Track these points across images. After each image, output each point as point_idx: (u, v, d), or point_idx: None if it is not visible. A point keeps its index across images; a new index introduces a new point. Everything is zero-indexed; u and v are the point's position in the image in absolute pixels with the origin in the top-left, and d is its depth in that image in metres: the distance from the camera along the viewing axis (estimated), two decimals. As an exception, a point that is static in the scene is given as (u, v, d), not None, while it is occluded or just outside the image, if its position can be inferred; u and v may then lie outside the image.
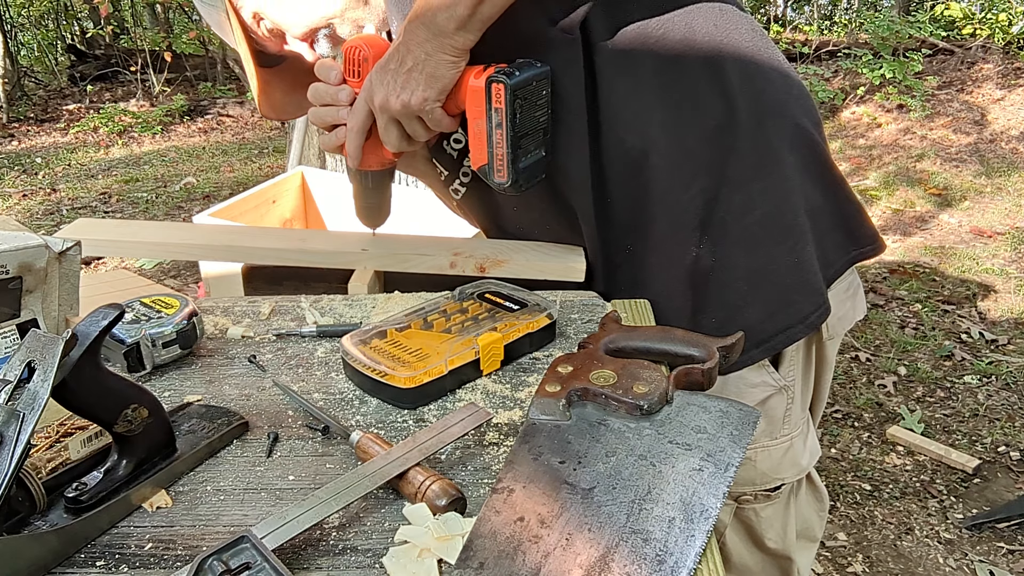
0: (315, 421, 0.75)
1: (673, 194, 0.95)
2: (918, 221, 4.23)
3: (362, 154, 0.96)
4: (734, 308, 0.97)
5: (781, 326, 0.97)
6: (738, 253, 0.95)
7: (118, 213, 4.79)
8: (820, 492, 1.19)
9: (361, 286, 1.11)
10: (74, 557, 0.59)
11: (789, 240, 0.96)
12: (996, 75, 5.96)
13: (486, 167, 0.90)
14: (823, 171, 1.00)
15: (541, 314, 0.88)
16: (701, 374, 0.73)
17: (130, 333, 0.83)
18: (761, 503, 1.07)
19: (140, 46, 7.91)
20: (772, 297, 0.96)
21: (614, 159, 0.96)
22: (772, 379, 1.01)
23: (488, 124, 0.87)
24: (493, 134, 0.87)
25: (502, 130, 0.86)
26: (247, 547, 0.54)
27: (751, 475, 1.04)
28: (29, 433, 0.56)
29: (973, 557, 2.03)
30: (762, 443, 1.03)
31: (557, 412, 0.69)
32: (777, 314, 0.97)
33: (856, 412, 2.66)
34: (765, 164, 0.95)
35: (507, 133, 0.86)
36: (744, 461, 1.01)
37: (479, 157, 0.90)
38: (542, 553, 0.55)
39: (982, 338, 3.05)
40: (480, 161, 0.90)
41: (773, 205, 0.95)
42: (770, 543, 1.10)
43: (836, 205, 1.01)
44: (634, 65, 0.93)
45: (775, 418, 1.03)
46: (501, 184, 0.90)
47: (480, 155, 0.90)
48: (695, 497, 0.60)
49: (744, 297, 0.96)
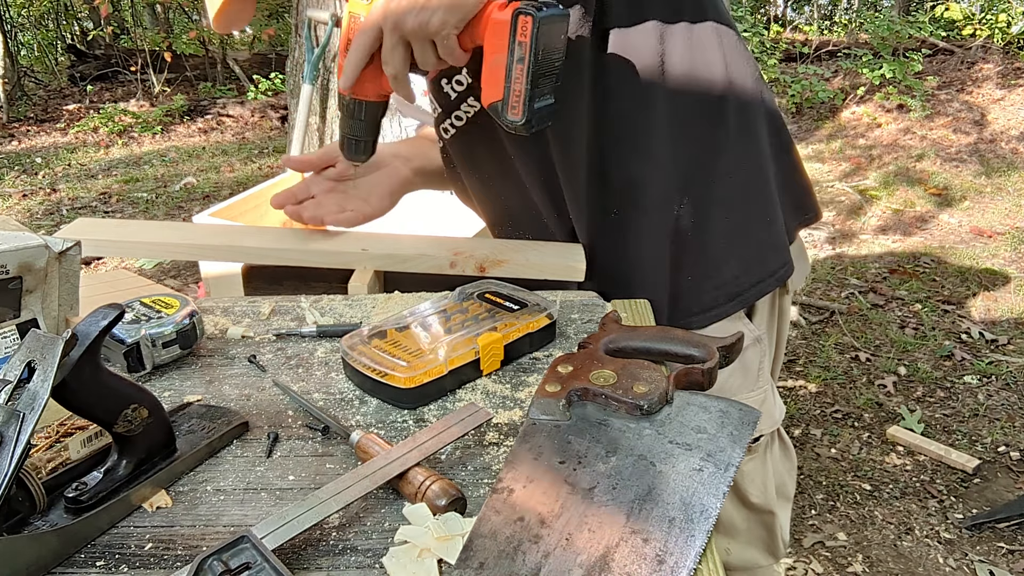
0: (315, 421, 0.75)
1: (664, 157, 1.00)
2: (918, 221, 4.23)
3: (358, 80, 0.91)
4: (711, 265, 1.04)
5: (754, 279, 1.06)
6: (719, 213, 1.03)
7: (118, 213, 4.79)
8: (789, 450, 1.24)
9: (361, 286, 1.11)
10: (74, 557, 0.59)
11: (762, 202, 1.06)
12: (996, 75, 5.96)
13: (499, 104, 0.87)
14: (787, 148, 1.13)
15: (541, 314, 0.88)
16: (701, 374, 0.73)
17: (130, 333, 0.83)
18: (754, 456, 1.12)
19: (140, 46, 7.91)
20: (747, 254, 1.06)
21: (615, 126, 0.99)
22: (748, 330, 1.07)
23: (509, 58, 0.84)
24: (513, 69, 0.85)
25: (523, 65, 0.84)
26: (247, 547, 0.54)
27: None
28: (29, 433, 0.56)
29: (973, 557, 2.03)
30: (741, 396, 1.07)
31: (557, 412, 0.69)
32: (751, 269, 1.06)
33: (856, 412, 2.66)
34: (746, 135, 1.04)
35: (528, 68, 0.84)
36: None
37: (493, 93, 0.87)
38: (542, 553, 0.55)
39: (982, 338, 3.05)
40: (493, 97, 0.87)
41: (751, 171, 1.05)
42: (753, 498, 1.13)
43: (793, 178, 1.14)
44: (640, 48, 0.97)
45: (752, 370, 1.09)
46: (514, 122, 0.87)
47: (494, 91, 0.86)
48: (695, 497, 0.60)
49: (722, 254, 1.04)
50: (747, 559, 1.17)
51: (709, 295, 1.04)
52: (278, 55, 7.43)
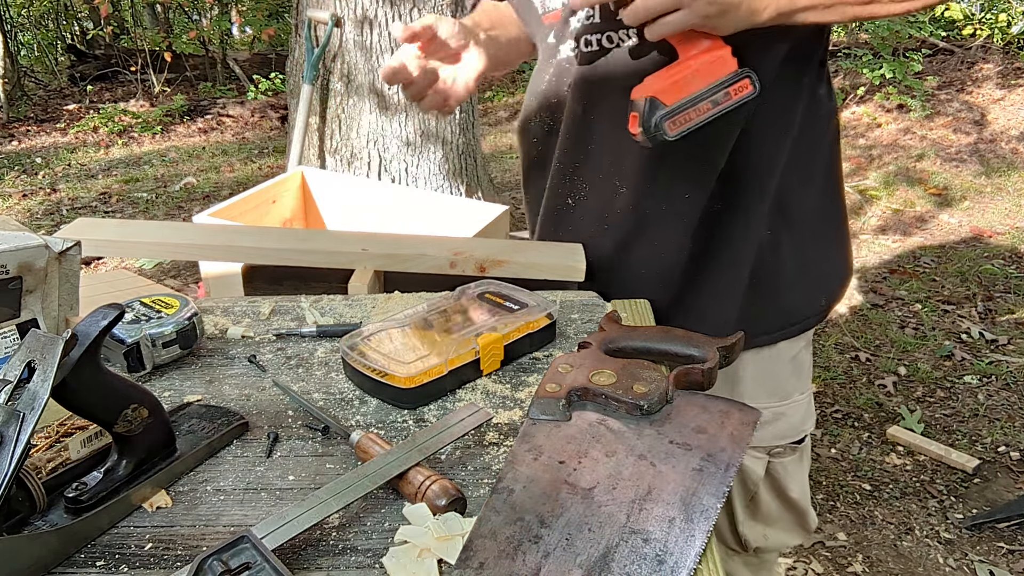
0: (315, 421, 0.75)
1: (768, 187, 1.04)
2: (918, 221, 4.23)
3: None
4: (784, 288, 1.09)
5: (818, 309, 1.12)
6: (800, 238, 1.07)
7: (118, 213, 4.79)
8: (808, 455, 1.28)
9: (361, 286, 1.11)
10: (74, 557, 0.59)
11: (833, 231, 1.12)
12: (996, 75, 5.96)
13: (661, 105, 0.86)
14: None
15: (541, 314, 0.88)
16: (701, 374, 0.73)
17: (130, 333, 0.83)
18: (788, 456, 1.16)
19: (140, 46, 7.90)
20: (815, 282, 1.11)
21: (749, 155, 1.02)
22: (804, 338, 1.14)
23: (705, 92, 0.86)
24: (702, 101, 0.86)
25: (712, 109, 0.86)
26: (247, 547, 0.54)
27: (784, 429, 1.14)
28: (29, 433, 0.56)
29: (973, 557, 2.02)
30: (794, 398, 1.14)
31: (557, 412, 0.69)
32: (816, 298, 1.12)
33: (856, 412, 2.66)
34: (827, 170, 1.10)
35: (711, 115, 0.86)
36: (778, 416, 1.12)
37: (666, 93, 0.86)
38: (542, 553, 0.55)
39: (982, 338, 3.05)
40: (664, 95, 0.86)
41: (830, 202, 1.11)
42: (793, 494, 1.17)
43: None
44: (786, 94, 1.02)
45: (804, 371, 1.15)
46: (661, 133, 0.86)
47: (670, 95, 0.86)
48: (695, 497, 0.60)
49: (792, 279, 1.09)
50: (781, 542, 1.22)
51: (776, 320, 1.09)
52: (278, 55, 7.42)
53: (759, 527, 1.18)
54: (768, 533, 1.19)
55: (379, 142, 3.46)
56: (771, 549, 1.22)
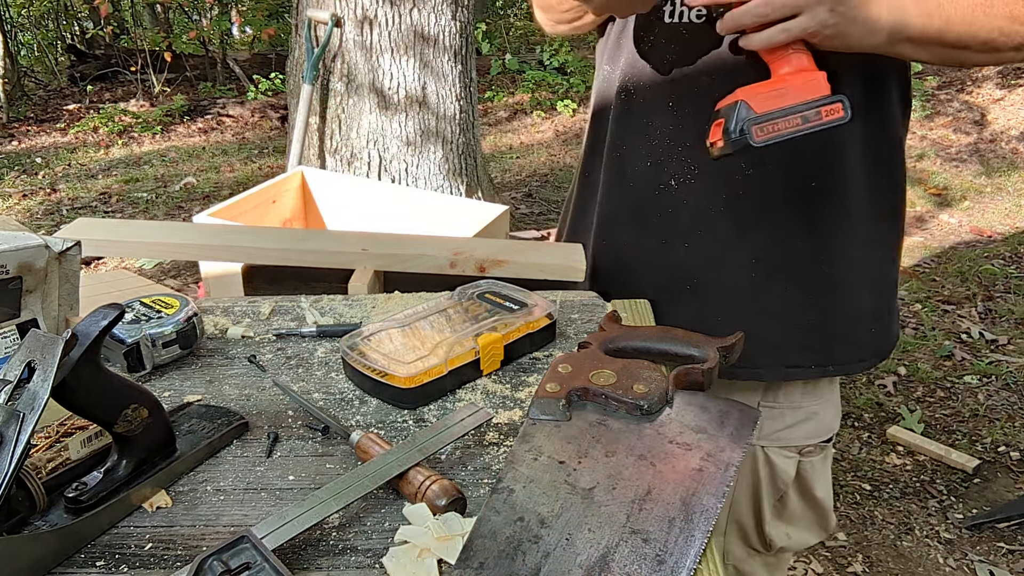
0: (315, 421, 0.75)
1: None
2: (918, 221, 4.23)
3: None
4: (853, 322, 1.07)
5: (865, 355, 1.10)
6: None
7: (118, 213, 4.79)
8: None
9: (361, 286, 1.11)
10: (74, 557, 0.59)
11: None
12: (996, 75, 5.96)
13: (750, 113, 0.84)
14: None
15: (541, 314, 0.88)
16: (701, 374, 0.73)
17: (130, 333, 0.83)
18: (817, 455, 1.14)
19: (140, 46, 7.90)
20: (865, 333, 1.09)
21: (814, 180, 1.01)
22: None
23: (798, 107, 0.85)
24: (792, 116, 0.85)
25: (801, 126, 0.85)
26: (247, 547, 0.54)
27: (817, 428, 1.12)
28: (29, 433, 0.56)
29: (973, 557, 2.02)
30: (826, 397, 1.11)
31: (557, 412, 0.69)
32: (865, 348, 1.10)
33: (856, 412, 2.66)
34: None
35: (798, 132, 0.85)
36: (811, 416, 1.10)
37: (758, 100, 0.84)
38: (542, 553, 0.55)
39: (982, 338, 3.05)
40: (754, 101, 0.84)
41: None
42: (818, 493, 1.16)
43: None
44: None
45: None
46: (748, 137, 0.84)
47: (762, 103, 0.84)
48: (695, 497, 0.60)
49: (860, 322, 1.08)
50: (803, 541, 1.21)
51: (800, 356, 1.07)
52: (278, 55, 7.42)
53: (783, 526, 1.17)
54: (791, 532, 1.19)
55: (379, 142, 3.46)
56: (792, 549, 1.22)
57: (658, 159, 1.03)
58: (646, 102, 1.03)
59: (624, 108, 1.06)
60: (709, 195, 1.02)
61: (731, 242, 1.02)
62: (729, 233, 1.02)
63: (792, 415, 1.10)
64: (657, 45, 1.01)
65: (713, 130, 0.87)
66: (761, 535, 1.17)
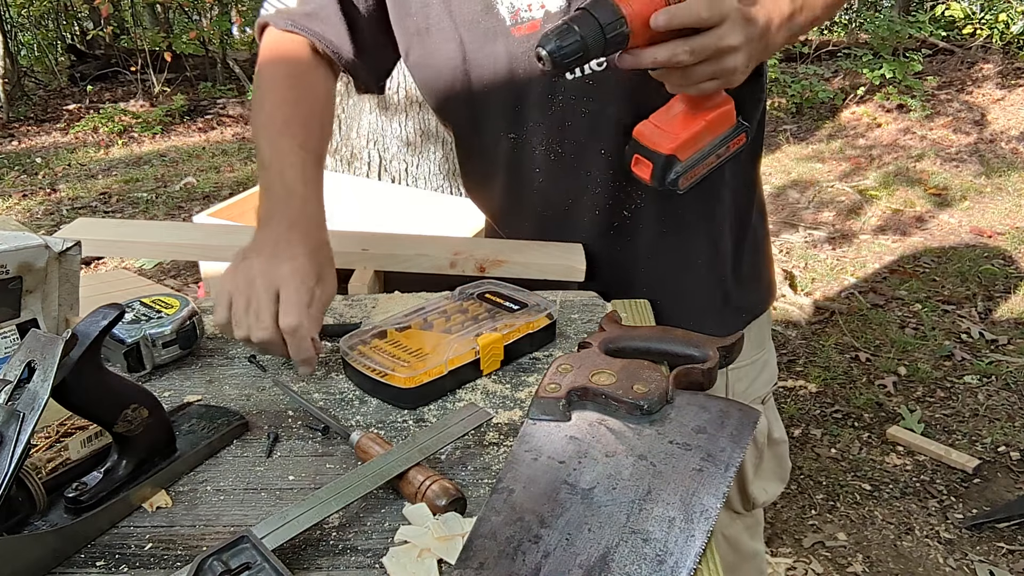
0: (315, 421, 0.75)
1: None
2: (918, 221, 4.23)
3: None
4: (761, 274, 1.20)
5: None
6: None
7: (118, 213, 4.79)
8: None
9: (361, 286, 1.11)
10: (74, 557, 0.59)
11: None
12: (996, 75, 5.96)
13: (678, 161, 0.85)
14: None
15: (541, 314, 0.88)
16: (701, 374, 0.73)
17: (130, 333, 0.83)
18: (769, 399, 1.25)
19: (140, 46, 7.90)
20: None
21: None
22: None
23: (714, 144, 0.87)
24: (709, 156, 0.87)
25: (714, 162, 0.88)
26: (247, 547, 0.54)
27: (770, 375, 1.24)
28: (29, 433, 0.56)
29: (973, 557, 2.02)
30: (767, 347, 1.24)
31: (557, 412, 0.69)
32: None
33: (856, 412, 2.66)
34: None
35: (714, 166, 0.88)
36: (766, 364, 1.21)
37: (682, 149, 0.85)
38: (542, 553, 0.55)
39: (982, 338, 3.05)
40: (680, 151, 0.85)
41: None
42: (775, 435, 1.24)
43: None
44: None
45: (767, 318, 1.25)
46: (675, 188, 0.86)
47: (684, 150, 0.85)
48: (695, 497, 0.60)
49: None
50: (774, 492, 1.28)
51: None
52: (278, 55, 7.41)
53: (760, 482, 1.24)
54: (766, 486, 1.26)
55: (379, 142, 3.46)
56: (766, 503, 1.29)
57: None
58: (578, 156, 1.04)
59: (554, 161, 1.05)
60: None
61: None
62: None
63: (752, 369, 1.18)
64: (568, 100, 1.00)
65: (638, 164, 0.88)
66: (744, 495, 1.22)
